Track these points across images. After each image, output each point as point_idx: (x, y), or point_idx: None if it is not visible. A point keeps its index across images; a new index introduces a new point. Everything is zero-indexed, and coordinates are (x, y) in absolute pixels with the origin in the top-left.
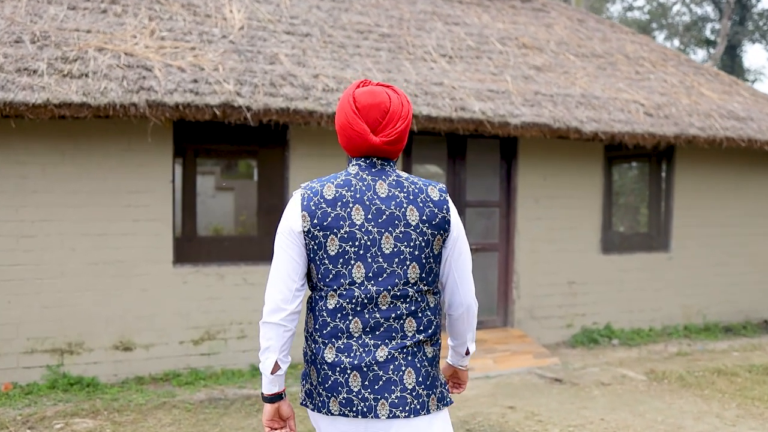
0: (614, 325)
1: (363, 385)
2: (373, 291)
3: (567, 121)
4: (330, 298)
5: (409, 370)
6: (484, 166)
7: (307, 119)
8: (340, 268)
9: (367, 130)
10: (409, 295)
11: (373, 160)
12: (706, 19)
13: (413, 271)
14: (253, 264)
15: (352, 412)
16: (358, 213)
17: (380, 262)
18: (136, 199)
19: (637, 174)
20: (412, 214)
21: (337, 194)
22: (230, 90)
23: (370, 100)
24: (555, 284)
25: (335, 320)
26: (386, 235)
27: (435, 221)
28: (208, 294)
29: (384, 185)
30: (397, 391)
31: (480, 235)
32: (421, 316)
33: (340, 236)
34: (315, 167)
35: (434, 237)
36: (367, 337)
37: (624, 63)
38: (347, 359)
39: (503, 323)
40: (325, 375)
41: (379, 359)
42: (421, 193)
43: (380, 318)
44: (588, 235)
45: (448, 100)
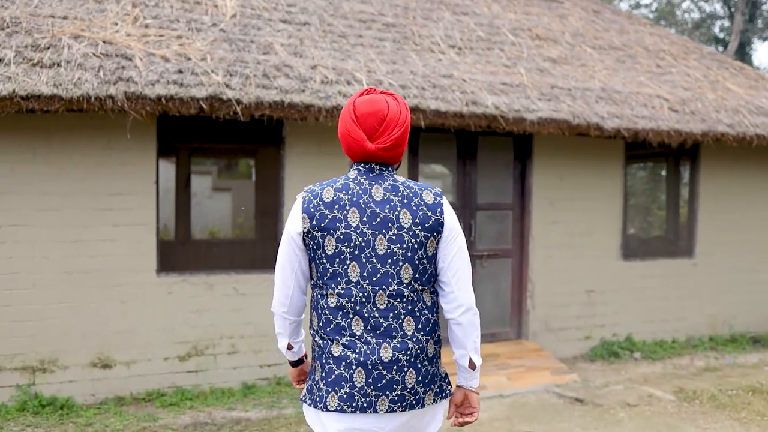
0: (635, 337)
1: (366, 381)
2: (370, 290)
3: (587, 117)
4: (330, 296)
5: (410, 371)
6: (497, 165)
7: (304, 114)
8: (337, 267)
9: (364, 137)
10: (404, 295)
11: (371, 165)
12: (715, 17)
13: (406, 272)
14: (245, 272)
15: (350, 408)
16: (353, 215)
17: (374, 262)
18: (116, 201)
19: (648, 174)
20: (405, 217)
21: (335, 197)
22: (218, 81)
23: (369, 109)
24: (572, 293)
25: (337, 318)
26: (380, 237)
27: (428, 224)
28: (196, 305)
29: (380, 189)
30: (398, 390)
31: (492, 241)
32: (419, 315)
33: (337, 237)
34: (313, 166)
35: (427, 239)
36: (369, 336)
37: (644, 56)
38: (353, 355)
39: (517, 335)
40: (329, 369)
41: (383, 359)
42: (415, 197)
43: (379, 317)
44: (607, 240)
45: (459, 93)
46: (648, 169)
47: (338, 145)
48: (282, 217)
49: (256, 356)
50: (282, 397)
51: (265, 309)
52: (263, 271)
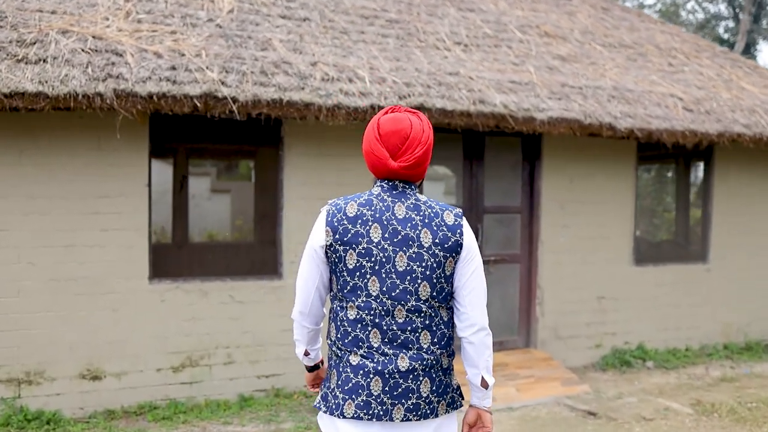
0: (647, 345)
1: (383, 390)
2: (389, 304)
3: (599, 117)
4: (350, 309)
5: (425, 380)
6: (504, 167)
7: (303, 113)
8: (357, 281)
9: (387, 155)
10: (422, 310)
11: (395, 183)
12: (720, 17)
13: (424, 289)
14: (242, 279)
15: (367, 415)
16: (376, 231)
17: (393, 278)
18: (106, 205)
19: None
20: (426, 236)
21: (359, 212)
22: (213, 78)
23: (392, 127)
24: (583, 300)
25: (356, 330)
26: (400, 253)
27: (447, 244)
28: (190, 314)
29: (402, 207)
30: (413, 398)
31: (499, 245)
32: (436, 329)
33: (358, 251)
34: (313, 168)
35: (446, 259)
36: (387, 347)
37: (655, 54)
38: (371, 364)
39: (525, 344)
40: (347, 377)
41: (401, 368)
42: (436, 217)
43: (397, 330)
44: (618, 244)
45: (465, 91)
46: (653, 171)
47: (340, 145)
48: (281, 220)
49: (253, 367)
50: (280, 410)
51: (263, 317)
52: (261, 278)
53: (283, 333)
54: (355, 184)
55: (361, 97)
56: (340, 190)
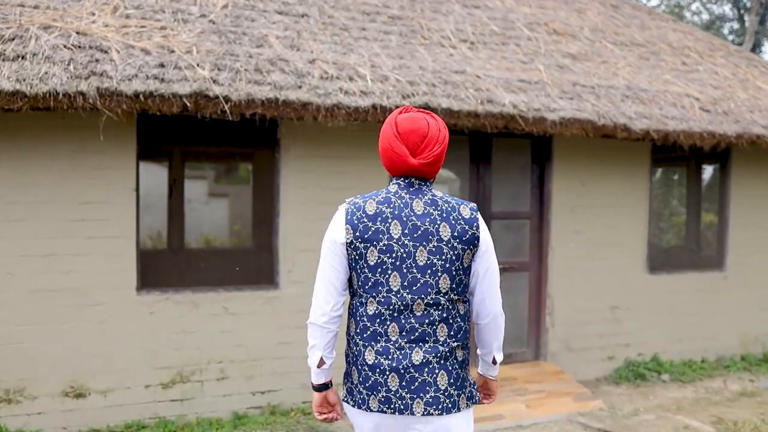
0: (662, 356)
1: (401, 385)
2: (408, 299)
3: (613, 117)
4: (369, 304)
5: (442, 373)
6: (513, 170)
7: (301, 113)
8: (379, 277)
9: (407, 152)
10: (441, 303)
11: (411, 180)
12: (724, 19)
13: (444, 282)
14: (236, 289)
15: (390, 409)
16: (396, 228)
17: (414, 272)
18: (90, 211)
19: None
20: (445, 230)
21: (378, 210)
22: (205, 76)
23: (411, 126)
24: (595, 309)
25: (374, 324)
26: (420, 248)
27: (465, 237)
28: (181, 326)
29: (420, 203)
30: (432, 392)
31: (507, 253)
32: (452, 322)
33: (379, 248)
34: (312, 171)
35: (464, 251)
36: (404, 341)
37: (668, 53)
38: (386, 361)
39: (534, 356)
40: (365, 375)
41: (415, 362)
42: (453, 212)
43: (415, 323)
44: (632, 251)
45: (472, 91)
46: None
47: (340, 147)
48: (277, 226)
49: (247, 382)
50: (276, 428)
51: (258, 330)
52: (256, 288)
53: (279, 346)
54: (355, 188)
55: (362, 97)
56: (340, 194)
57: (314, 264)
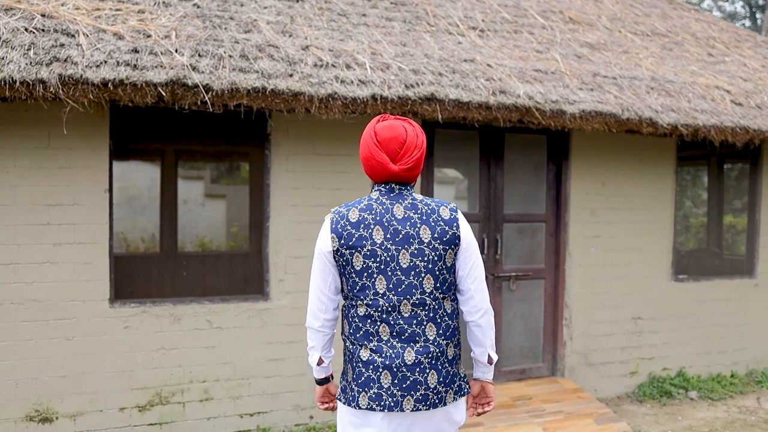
0: (688, 371)
1: (392, 383)
2: (395, 300)
3: (638, 110)
4: (359, 306)
5: (432, 372)
6: (527, 168)
7: (291, 104)
8: (365, 281)
9: (387, 159)
10: (426, 303)
11: (391, 185)
12: (736, 17)
13: (428, 282)
14: (221, 300)
15: (379, 406)
16: (378, 233)
17: (399, 275)
18: (58, 214)
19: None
20: (425, 232)
21: (361, 217)
22: (183, 63)
23: (389, 134)
24: (616, 321)
25: (366, 325)
26: (403, 251)
27: (446, 237)
28: (159, 342)
29: (401, 208)
30: (422, 390)
31: (521, 259)
32: (440, 321)
33: (364, 253)
34: (306, 170)
35: (446, 251)
36: (395, 341)
37: (692, 43)
38: (380, 359)
39: (551, 372)
40: (359, 372)
41: (407, 362)
42: (433, 214)
43: (404, 324)
44: (656, 257)
45: (483, 80)
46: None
47: (336, 144)
48: (268, 231)
49: (234, 404)
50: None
51: (246, 345)
52: (244, 299)
53: (269, 363)
54: (353, 189)
55: (360, 86)
56: (337, 195)
57: (308, 272)
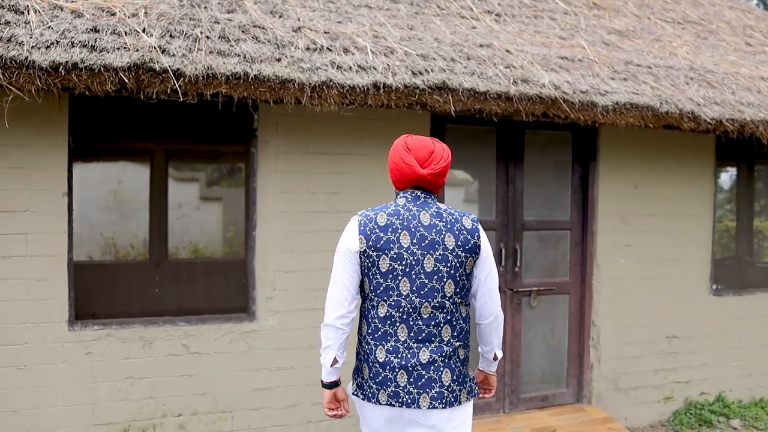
0: (728, 395)
1: (408, 381)
2: (417, 302)
3: (678, 102)
4: (381, 307)
5: (446, 371)
6: (550, 170)
7: (279, 93)
8: (390, 283)
9: (416, 163)
10: (445, 307)
11: (417, 194)
12: None
13: (449, 287)
14: (200, 321)
15: (398, 403)
16: (405, 238)
17: (422, 278)
18: (6, 223)
19: None
20: (450, 240)
21: (389, 222)
22: (150, 44)
23: (419, 143)
24: (650, 341)
25: (385, 326)
26: (428, 256)
27: (468, 246)
28: (128, 371)
29: (427, 215)
30: (437, 387)
31: (543, 272)
32: (455, 324)
33: (390, 256)
34: (297, 171)
35: (467, 259)
36: (412, 341)
37: (728, 32)
38: (396, 359)
39: (576, 398)
40: (376, 371)
41: (422, 361)
42: (456, 223)
43: (422, 325)
44: (695, 268)
45: (502, 68)
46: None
47: (332, 142)
48: (254, 242)
49: None
50: None
51: (228, 373)
52: (226, 319)
53: (256, 394)
54: (353, 193)
55: (359, 73)
56: (334, 200)
57: (300, 289)
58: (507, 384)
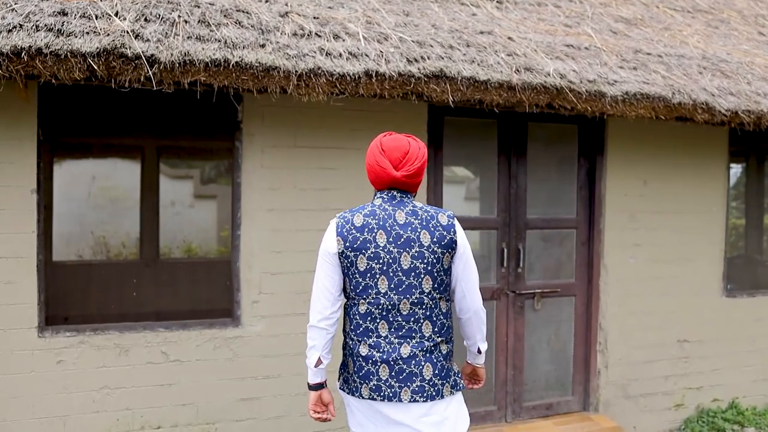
0: (742, 402)
1: (390, 375)
2: (395, 299)
3: (692, 93)
4: (361, 305)
5: (427, 365)
6: (554, 165)
7: (263, 82)
8: (368, 281)
9: (390, 165)
10: (424, 303)
11: (393, 193)
12: None
13: (427, 283)
14: (181, 327)
15: (380, 397)
16: (381, 237)
17: (400, 275)
18: None
19: None
20: (425, 237)
21: (365, 222)
22: (123, 28)
23: (394, 144)
24: (660, 345)
25: (366, 322)
26: (404, 254)
27: (444, 242)
28: (102, 380)
29: (402, 214)
30: (418, 381)
31: (547, 273)
32: (436, 319)
33: (368, 256)
34: (284, 167)
35: (443, 254)
36: (393, 336)
37: (739, 21)
38: (378, 354)
39: (582, 406)
40: (359, 366)
41: (403, 355)
42: (432, 220)
43: (402, 321)
44: (706, 268)
45: (504, 55)
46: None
47: (322, 135)
48: (238, 241)
49: None
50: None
51: (211, 383)
52: (209, 325)
53: (241, 404)
54: (345, 189)
55: (350, 60)
56: (325, 197)
57: (288, 292)
58: (509, 392)
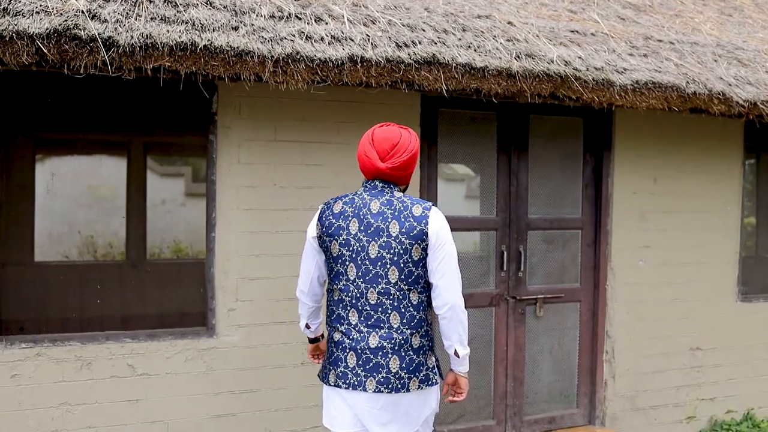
0: (758, 413)
1: (357, 363)
2: (363, 287)
3: (707, 82)
4: (335, 291)
5: (394, 357)
6: (558, 161)
7: (235, 68)
8: (339, 267)
9: (377, 157)
10: (391, 293)
11: (375, 183)
12: None
13: (393, 274)
14: (149, 337)
15: (345, 384)
16: (354, 225)
17: (367, 264)
18: None
19: None
20: (394, 227)
21: (342, 209)
22: (77, 8)
23: (384, 135)
24: (670, 353)
25: (339, 309)
26: (372, 243)
27: (413, 233)
28: (62, 396)
29: (377, 203)
30: (383, 373)
31: (551, 277)
32: (404, 311)
33: (339, 242)
34: (264, 162)
35: (412, 246)
36: (362, 325)
37: (752, 9)
38: (348, 341)
39: (587, 419)
40: (331, 351)
41: (371, 345)
42: (405, 210)
43: (370, 310)
44: (721, 271)
45: (503, 41)
46: None
47: (307, 128)
48: (213, 243)
49: None
50: None
51: (184, 398)
52: (180, 335)
53: (216, 422)
54: (330, 188)
55: (333, 45)
56: (308, 196)
57: (268, 299)
58: (509, 405)
